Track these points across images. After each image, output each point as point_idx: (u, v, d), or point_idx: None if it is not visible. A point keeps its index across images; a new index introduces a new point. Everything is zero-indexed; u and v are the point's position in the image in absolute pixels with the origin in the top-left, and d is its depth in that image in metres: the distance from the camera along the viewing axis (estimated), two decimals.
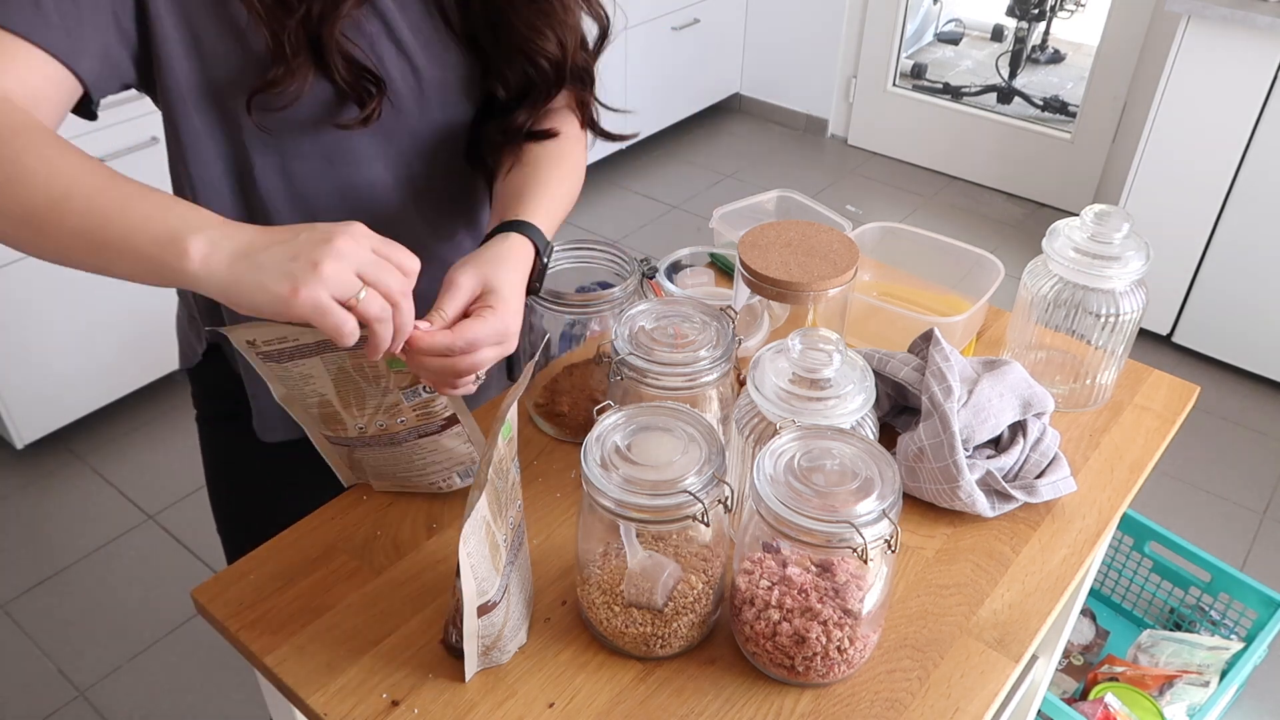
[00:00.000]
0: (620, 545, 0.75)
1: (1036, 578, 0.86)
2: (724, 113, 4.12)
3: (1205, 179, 2.53)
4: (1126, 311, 0.99)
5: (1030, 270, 1.02)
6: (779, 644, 0.73)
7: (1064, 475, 0.92)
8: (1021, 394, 0.93)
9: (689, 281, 1.18)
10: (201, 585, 0.83)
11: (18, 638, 1.96)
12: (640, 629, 0.75)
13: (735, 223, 1.24)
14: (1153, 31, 3.07)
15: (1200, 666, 1.72)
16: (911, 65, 4.05)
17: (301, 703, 0.74)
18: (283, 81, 0.80)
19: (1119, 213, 0.98)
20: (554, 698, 0.74)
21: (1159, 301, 2.71)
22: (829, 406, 0.77)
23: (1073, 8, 4.33)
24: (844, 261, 0.93)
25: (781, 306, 0.99)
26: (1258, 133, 2.42)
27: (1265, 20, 2.28)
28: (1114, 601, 1.98)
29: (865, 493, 0.69)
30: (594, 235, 3.28)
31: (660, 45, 3.52)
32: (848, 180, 3.67)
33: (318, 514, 0.90)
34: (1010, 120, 3.55)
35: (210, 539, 1.19)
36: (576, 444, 0.95)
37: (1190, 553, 1.81)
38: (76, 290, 2.20)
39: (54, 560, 2.13)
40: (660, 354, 0.82)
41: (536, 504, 0.91)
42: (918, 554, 0.88)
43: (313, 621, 0.80)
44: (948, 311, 1.12)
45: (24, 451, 2.35)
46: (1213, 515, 2.29)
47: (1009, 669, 0.78)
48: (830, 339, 0.78)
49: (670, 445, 0.72)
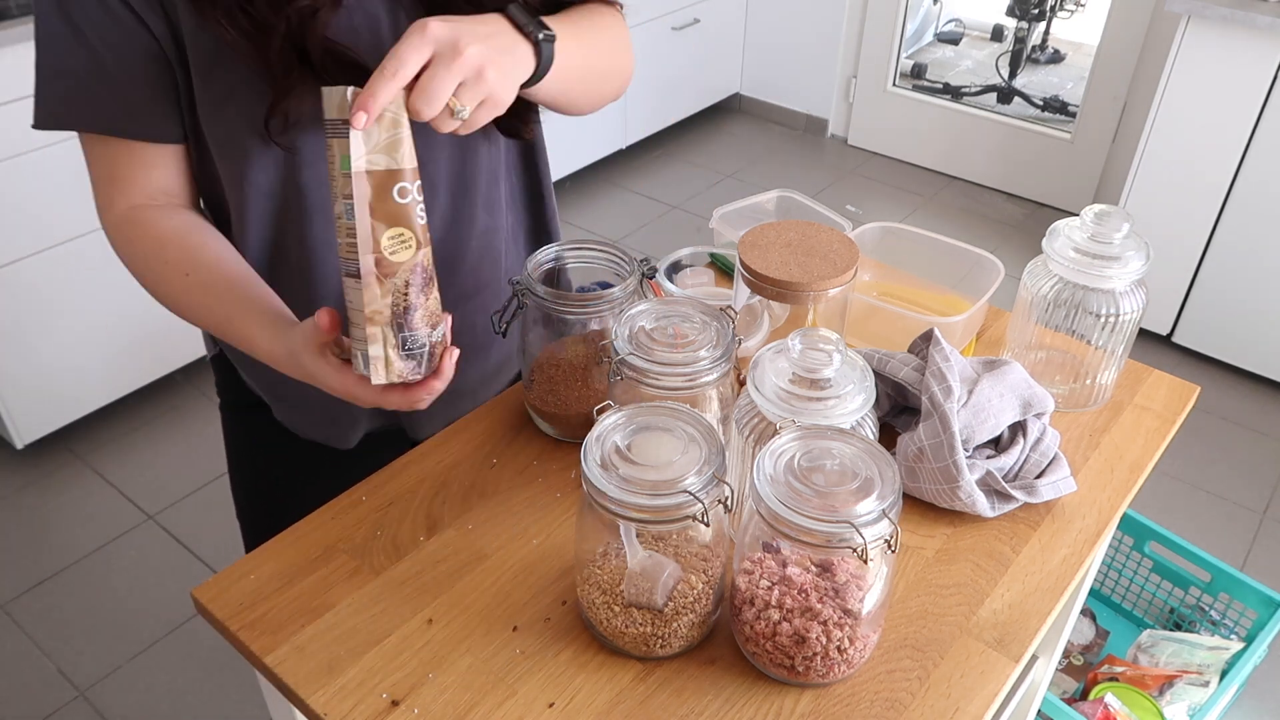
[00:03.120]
0: (620, 545, 0.75)
1: (1036, 578, 0.86)
2: (724, 113, 4.12)
3: (1205, 179, 2.53)
4: (1126, 311, 0.99)
5: (1030, 270, 1.02)
6: (779, 644, 0.73)
7: (1064, 475, 0.92)
8: (1021, 394, 0.93)
9: (689, 281, 1.18)
10: (201, 585, 0.83)
11: (18, 638, 1.96)
12: (640, 629, 0.75)
13: (735, 223, 1.24)
14: (1153, 31, 3.07)
15: (1200, 666, 1.72)
16: (911, 65, 4.05)
17: (301, 703, 0.74)
18: (282, 102, 0.80)
19: (1119, 213, 0.98)
20: (554, 698, 0.74)
21: (1159, 301, 2.71)
22: (829, 406, 0.77)
23: (1073, 8, 4.33)
24: (844, 261, 0.93)
25: (781, 306, 1.00)
26: (1258, 133, 2.42)
27: (1265, 20, 2.28)
28: (1114, 601, 1.98)
29: (865, 493, 0.69)
30: (594, 235, 3.28)
31: (660, 45, 3.52)
32: (848, 180, 3.67)
33: (318, 514, 0.90)
34: (1010, 120, 3.55)
35: (210, 539, 1.19)
36: (576, 444, 0.95)
37: (1190, 553, 1.80)
38: (76, 291, 2.20)
39: (54, 560, 2.13)
40: (660, 354, 0.82)
41: (536, 504, 0.91)
42: (918, 554, 0.88)
43: (313, 621, 0.80)
44: (948, 311, 1.12)
45: (24, 451, 2.35)
46: (1213, 515, 2.29)
47: (1009, 669, 0.78)
48: (830, 339, 0.78)
49: (670, 445, 0.72)
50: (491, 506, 0.91)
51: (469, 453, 0.97)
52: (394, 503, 0.91)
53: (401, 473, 0.95)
